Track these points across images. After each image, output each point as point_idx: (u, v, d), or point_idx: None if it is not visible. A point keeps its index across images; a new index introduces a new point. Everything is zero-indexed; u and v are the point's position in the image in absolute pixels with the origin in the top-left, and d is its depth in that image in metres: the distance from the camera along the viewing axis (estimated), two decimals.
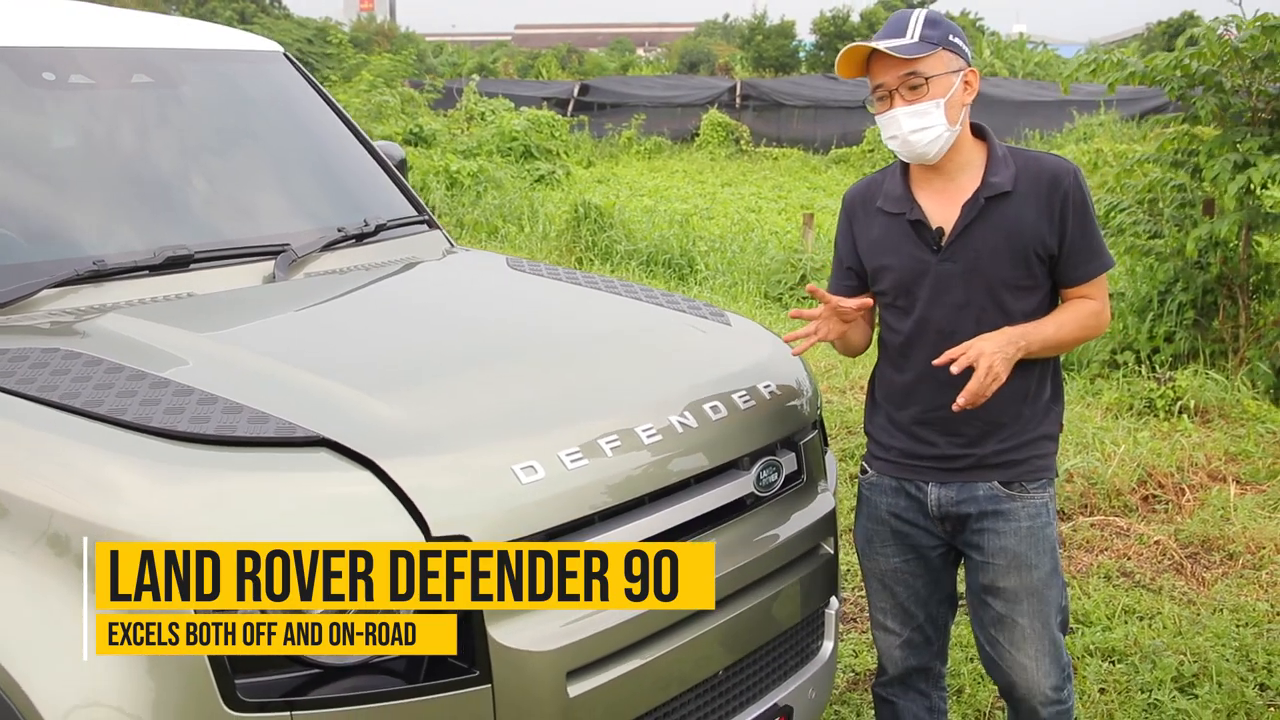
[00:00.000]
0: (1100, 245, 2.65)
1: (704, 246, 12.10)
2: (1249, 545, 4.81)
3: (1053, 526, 2.71)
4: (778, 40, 45.02)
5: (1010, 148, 2.69)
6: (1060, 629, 2.75)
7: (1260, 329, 7.69)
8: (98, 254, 2.89)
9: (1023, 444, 2.66)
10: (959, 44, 2.63)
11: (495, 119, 20.62)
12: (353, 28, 46.34)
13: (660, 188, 18.45)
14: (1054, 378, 2.73)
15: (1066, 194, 2.59)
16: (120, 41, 3.41)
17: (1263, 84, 7.57)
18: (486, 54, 46.23)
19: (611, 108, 26.13)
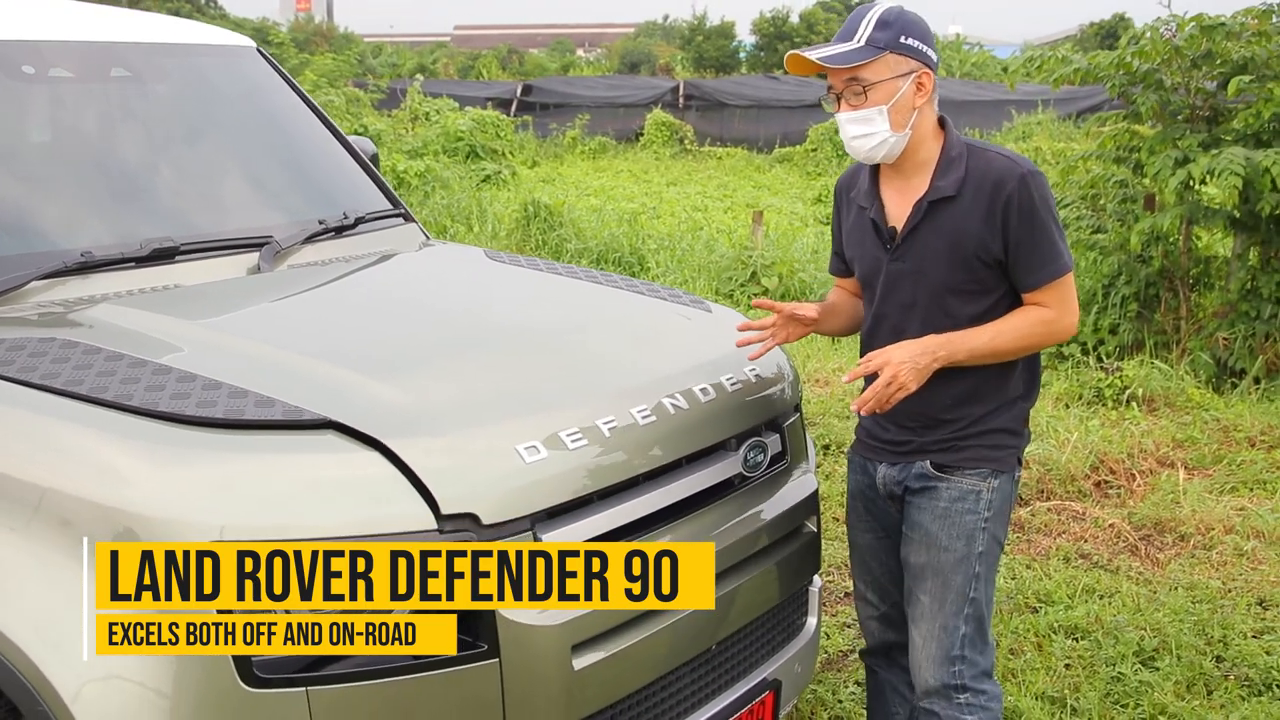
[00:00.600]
0: (1052, 251, 2.57)
1: (653, 245, 12.17)
2: (1199, 527, 4.96)
3: (978, 516, 2.65)
4: (718, 41, 45.21)
5: (972, 145, 2.64)
6: (966, 623, 2.67)
7: (1200, 320, 7.91)
8: (80, 246, 2.89)
9: (968, 435, 2.67)
10: (913, 45, 2.57)
11: (440, 119, 20.57)
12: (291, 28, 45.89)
13: (606, 187, 18.50)
14: (1019, 376, 2.69)
15: (1010, 199, 2.53)
16: (97, 36, 3.41)
17: (1200, 82, 7.79)
18: (426, 55, 45.95)
19: (555, 108, 26.15)
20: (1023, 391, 2.71)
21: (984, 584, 2.69)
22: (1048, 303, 2.60)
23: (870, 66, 2.55)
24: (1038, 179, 2.57)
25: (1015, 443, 2.71)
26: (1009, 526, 2.76)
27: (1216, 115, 7.79)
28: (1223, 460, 5.81)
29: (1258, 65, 7.43)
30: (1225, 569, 4.60)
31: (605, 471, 2.38)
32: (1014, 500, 2.77)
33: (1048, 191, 2.58)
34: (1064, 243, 2.59)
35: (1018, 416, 2.71)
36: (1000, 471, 2.68)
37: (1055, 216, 2.59)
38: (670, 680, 2.49)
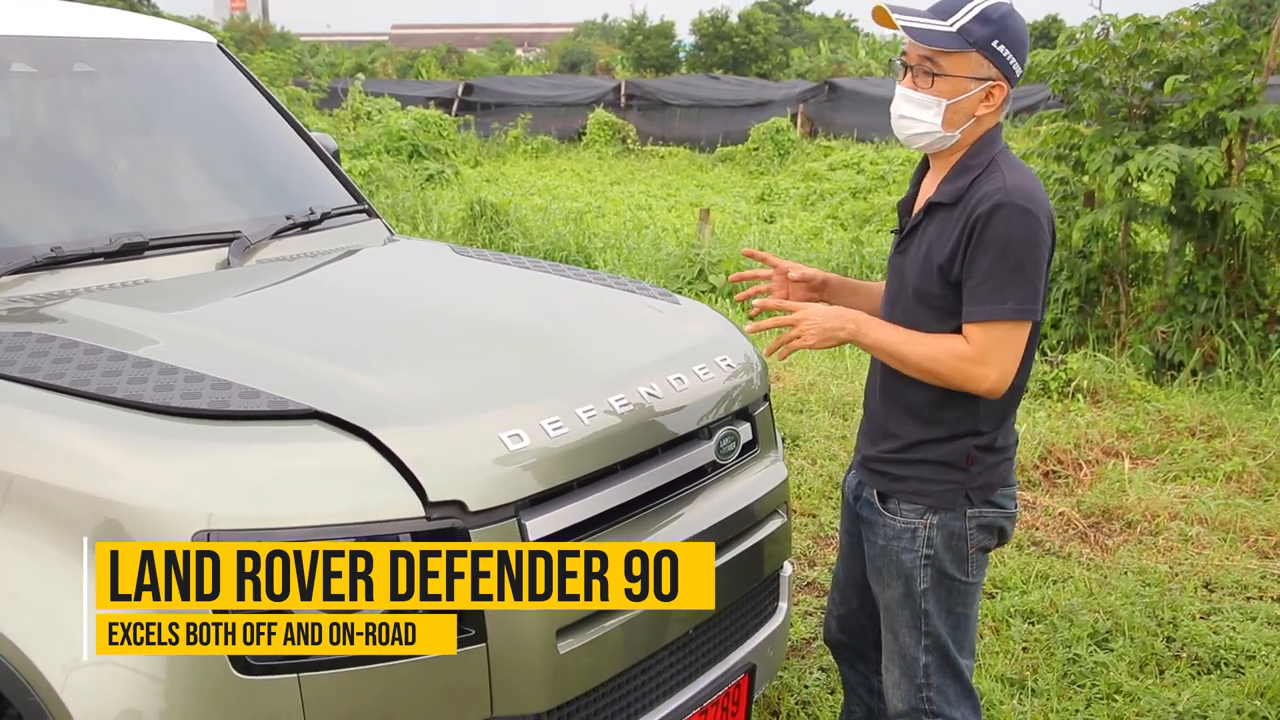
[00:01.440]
0: (993, 292, 2.38)
1: (600, 243, 12.22)
2: (1144, 514, 5.09)
3: (915, 554, 2.56)
4: (658, 40, 45.33)
5: (998, 160, 2.47)
6: (926, 654, 2.61)
7: (1139, 314, 8.10)
8: (48, 242, 2.88)
9: (905, 461, 2.57)
10: (1002, 52, 2.40)
11: (382, 119, 20.47)
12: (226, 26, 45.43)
13: (550, 186, 18.51)
14: (978, 411, 2.51)
15: (975, 222, 2.39)
16: (59, 31, 3.39)
17: (1137, 81, 7.97)
18: (364, 54, 45.64)
19: (496, 107, 26.10)
20: (975, 428, 2.52)
21: (938, 618, 2.59)
22: (971, 340, 2.42)
23: (951, 57, 2.41)
24: (1017, 212, 2.37)
25: (955, 478, 2.53)
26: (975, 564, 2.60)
27: (1153, 114, 7.98)
28: (1165, 450, 5.96)
29: (1192, 65, 7.63)
30: (1171, 554, 4.73)
31: (586, 459, 2.41)
32: (978, 539, 2.58)
33: (1023, 230, 2.37)
34: (1020, 290, 2.38)
35: (958, 452, 2.52)
36: (940, 509, 2.54)
37: (1021, 259, 2.37)
38: (650, 664, 2.53)
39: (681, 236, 12.59)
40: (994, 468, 2.57)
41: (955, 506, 2.55)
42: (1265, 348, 7.51)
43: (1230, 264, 7.73)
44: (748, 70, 39.94)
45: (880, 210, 14.60)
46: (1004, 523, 2.63)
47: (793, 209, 16.27)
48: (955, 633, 2.63)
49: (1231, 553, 4.74)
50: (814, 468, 5.58)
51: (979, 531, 2.58)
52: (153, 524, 2.04)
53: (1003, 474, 2.60)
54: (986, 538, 2.61)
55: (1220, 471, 5.62)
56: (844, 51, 37.27)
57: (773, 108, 23.72)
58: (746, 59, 41.77)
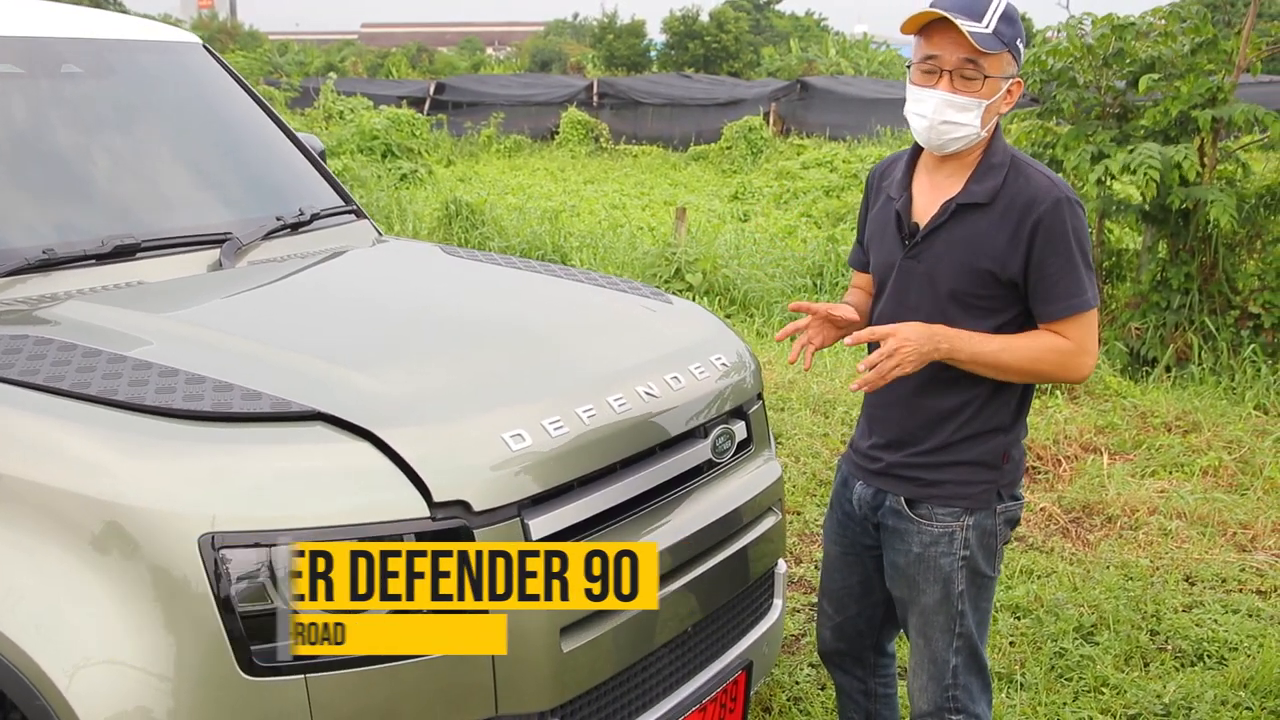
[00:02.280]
0: (1076, 285, 2.43)
1: (575, 242, 12.21)
2: (1124, 509, 5.15)
3: (954, 557, 2.58)
4: (629, 39, 45.36)
5: (1017, 157, 2.52)
6: (956, 655, 2.63)
7: (1114, 311, 8.17)
8: (39, 244, 2.87)
9: (938, 464, 2.57)
10: (1021, 50, 2.47)
11: (355, 118, 20.41)
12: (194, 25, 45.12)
13: (524, 185, 18.49)
14: (1005, 406, 2.55)
15: (1039, 220, 2.42)
16: (45, 31, 3.38)
17: (1111, 80, 8.05)
18: (334, 53, 45.46)
19: (468, 106, 26.05)
20: (1007, 424, 2.57)
21: (971, 618, 2.62)
22: (1068, 335, 2.46)
23: (993, 58, 2.42)
24: (1074, 207, 2.44)
25: (990, 477, 2.57)
26: (999, 557, 2.67)
27: (1126, 112, 8.06)
28: (1142, 445, 6.03)
29: (1165, 64, 7.71)
30: (1152, 548, 4.78)
31: (586, 458, 2.43)
32: (1004, 534, 2.63)
33: (1082, 223, 2.45)
34: (1091, 279, 2.47)
35: (994, 450, 2.56)
36: (975, 509, 2.57)
37: (1085, 251, 2.45)
38: (651, 661, 2.55)
39: (657, 235, 12.61)
40: (1020, 462, 2.64)
41: (989, 505, 2.59)
42: (1237, 344, 7.61)
43: (1202, 261, 7.82)
44: (719, 69, 40.04)
45: (853, 208, 14.66)
46: (1019, 512, 2.70)
47: (766, 207, 16.31)
48: (980, 629, 2.68)
49: (1211, 546, 4.80)
50: (797, 465, 5.61)
51: (1005, 526, 2.64)
52: (158, 526, 2.04)
53: (1023, 467, 2.67)
54: (1009, 531, 2.67)
55: (1197, 466, 5.69)
56: (814, 50, 37.40)
57: (745, 106, 23.78)
58: (718, 57, 41.86)
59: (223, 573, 2.03)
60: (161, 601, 2.03)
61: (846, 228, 13.45)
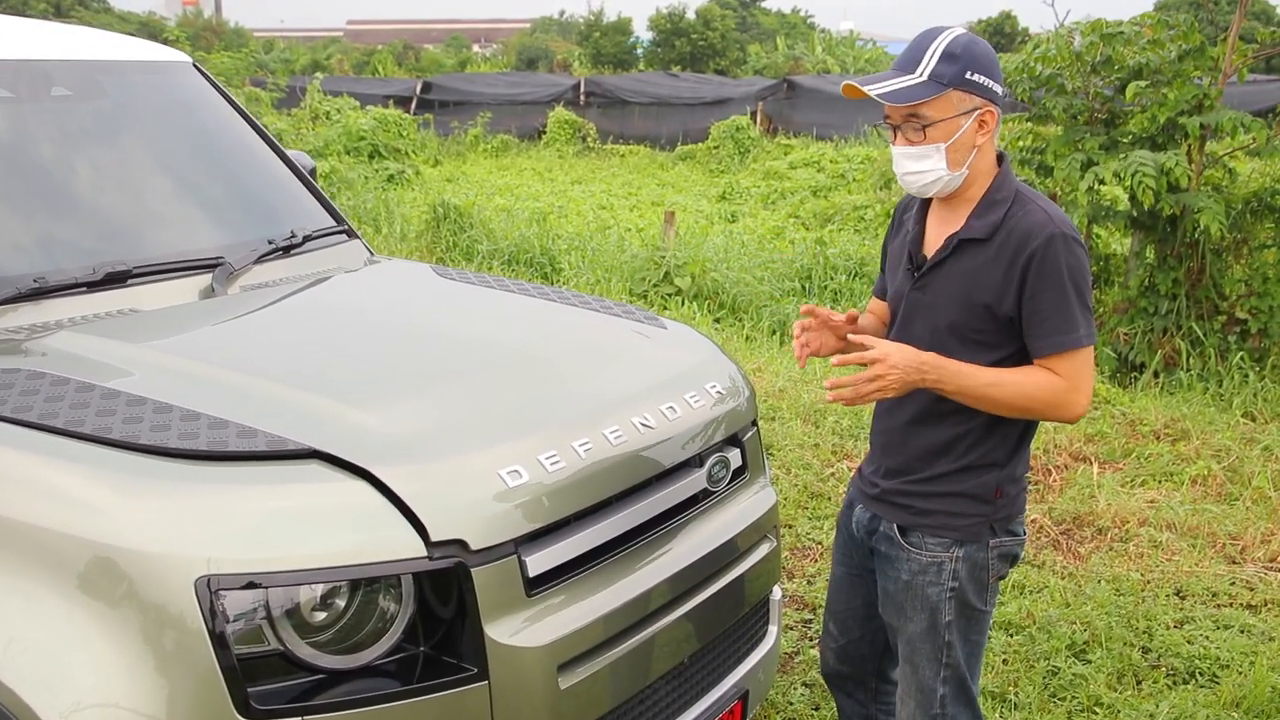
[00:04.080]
0: (1067, 321, 2.42)
1: (564, 245, 12.19)
2: (1115, 520, 5.17)
3: (941, 588, 2.58)
4: (615, 37, 45.25)
5: (1021, 192, 2.52)
6: (944, 684, 2.64)
7: (1102, 316, 8.19)
8: (30, 271, 2.85)
9: (930, 494, 2.59)
10: (978, 81, 2.44)
11: (341, 118, 20.33)
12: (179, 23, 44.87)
13: (511, 186, 18.46)
14: (1002, 443, 2.56)
15: (1032, 256, 2.41)
16: (34, 54, 3.36)
17: (1099, 87, 8.07)
18: (320, 50, 45.26)
19: (455, 105, 25.99)
20: (1002, 460, 2.57)
21: (960, 649, 2.63)
22: (1059, 372, 2.45)
23: (931, 104, 2.43)
24: (1069, 243, 2.42)
25: (981, 511, 2.57)
26: (992, 592, 2.66)
27: (1114, 118, 8.09)
28: (1131, 454, 6.04)
29: (1152, 71, 7.74)
30: (1143, 560, 4.80)
31: (582, 493, 2.42)
32: (998, 569, 2.63)
33: (1079, 259, 2.42)
34: (1086, 317, 2.44)
35: (987, 485, 2.56)
36: (965, 541, 2.58)
37: (1080, 287, 2.43)
38: (647, 694, 2.54)
39: (645, 237, 12.59)
40: (1015, 498, 2.63)
41: (980, 538, 2.59)
42: (1224, 349, 7.64)
43: (1190, 266, 7.85)
44: (705, 66, 39.99)
45: (841, 209, 14.67)
46: (1018, 549, 2.68)
47: (754, 208, 16.32)
48: (971, 661, 2.68)
49: (1201, 559, 4.82)
50: (789, 477, 5.61)
51: (999, 561, 2.64)
52: (153, 569, 2.02)
53: (1021, 503, 2.66)
54: (1004, 566, 2.66)
55: (1186, 475, 5.71)
56: (801, 48, 37.40)
57: (732, 105, 23.76)
58: (704, 55, 41.81)
59: (219, 614, 2.02)
60: (157, 643, 2.02)
61: (834, 229, 13.47)
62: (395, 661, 2.19)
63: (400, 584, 2.17)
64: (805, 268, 11.04)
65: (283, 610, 2.08)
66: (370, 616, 2.17)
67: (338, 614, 2.15)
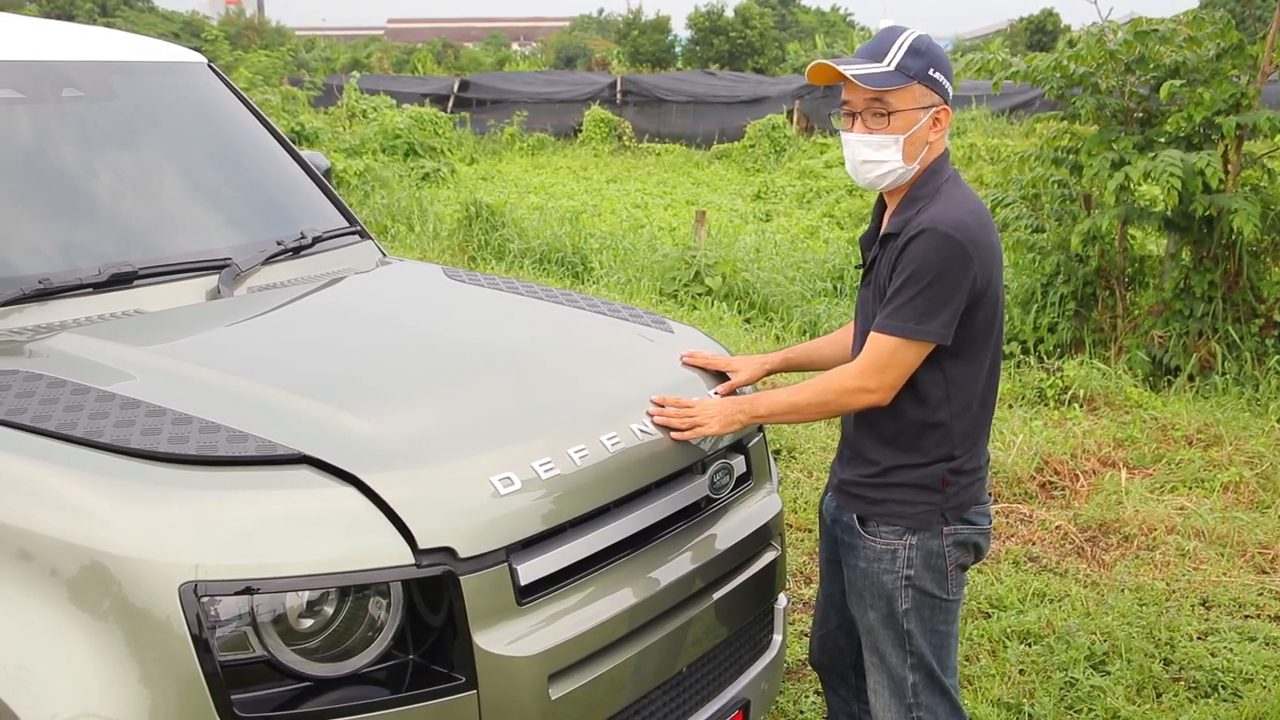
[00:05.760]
0: (889, 306, 2.49)
1: (596, 244, 12.17)
2: (1142, 527, 5.08)
3: (895, 575, 2.62)
4: (654, 35, 45.28)
5: (945, 191, 2.55)
6: (912, 672, 2.67)
7: (1136, 319, 8.08)
8: (36, 272, 2.86)
9: (881, 484, 2.64)
10: (939, 79, 2.53)
11: (377, 116, 20.41)
12: (221, 22, 45.27)
13: (546, 184, 18.47)
14: (946, 436, 2.59)
15: (903, 245, 2.50)
16: (47, 55, 3.36)
17: (1135, 85, 7.95)
18: (360, 49, 45.56)
19: (492, 104, 26.07)
20: (948, 453, 2.60)
21: (921, 638, 2.65)
22: (861, 353, 2.55)
23: (897, 93, 2.51)
24: (937, 238, 2.45)
25: (930, 500, 2.61)
26: (954, 581, 2.67)
27: (1149, 118, 7.96)
28: (1162, 459, 5.94)
29: (1188, 70, 7.60)
30: (1169, 569, 4.71)
31: (577, 500, 2.39)
32: (955, 557, 2.65)
33: (941, 254, 2.45)
34: (918, 311, 2.46)
35: (933, 475, 2.60)
36: (917, 529, 2.62)
37: (927, 280, 2.45)
38: (643, 704, 2.51)
39: (678, 237, 12.55)
40: (967, 488, 2.66)
41: (931, 526, 2.63)
42: (1261, 353, 7.50)
43: (1226, 268, 7.71)
44: (744, 65, 39.91)
45: None
46: (979, 539, 2.71)
47: (789, 207, 16.24)
48: (939, 652, 2.70)
49: (1229, 568, 4.73)
50: (810, 480, 5.56)
51: (956, 549, 2.66)
52: (140, 574, 2.01)
53: (975, 493, 2.68)
54: (964, 554, 2.69)
55: (1217, 482, 5.61)
56: (840, 46, 37.19)
57: (769, 104, 23.67)
58: (742, 53, 41.73)
59: (204, 620, 2.00)
60: (142, 650, 2.01)
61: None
62: (384, 670, 2.17)
63: (389, 591, 2.14)
64: (838, 268, 10.97)
65: (268, 617, 2.06)
66: (358, 624, 2.15)
67: (325, 621, 2.13)
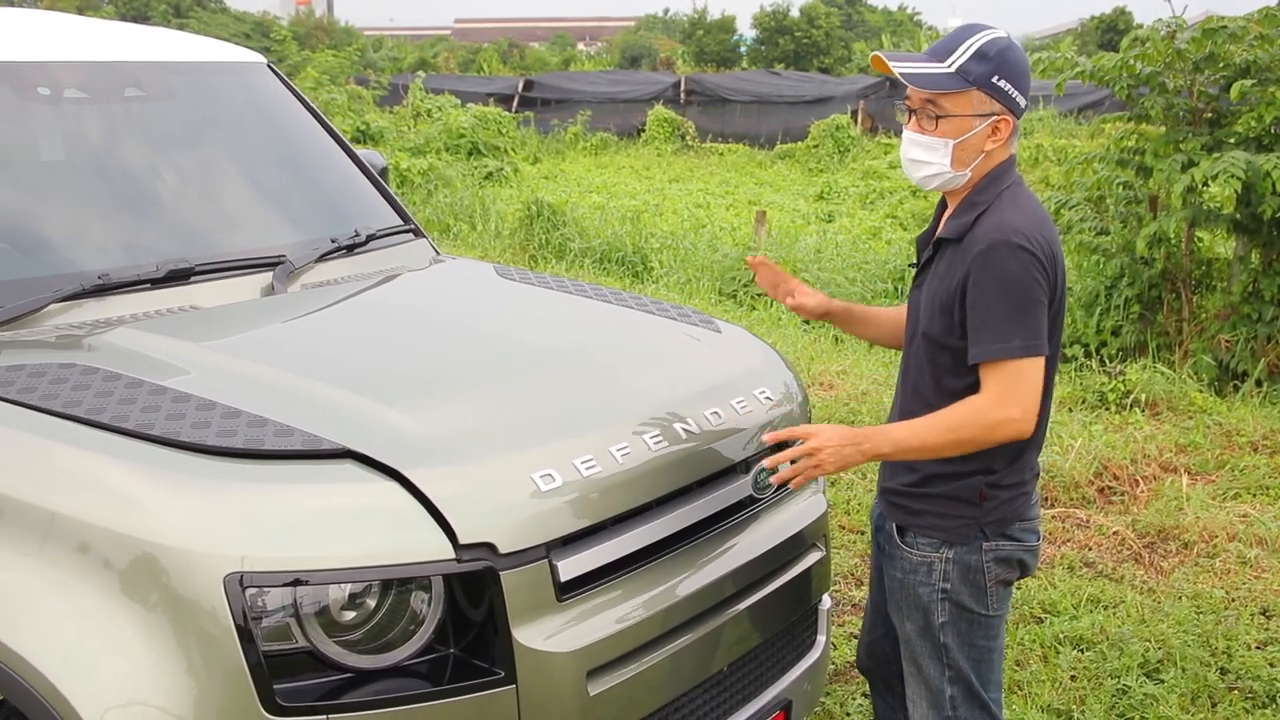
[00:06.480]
0: (998, 330, 2.37)
1: (656, 244, 12.18)
2: (1202, 534, 4.99)
3: (932, 588, 2.57)
4: (719, 35, 45.23)
5: (1006, 197, 2.47)
6: (950, 684, 2.60)
7: (1202, 322, 7.94)
8: (95, 267, 2.92)
9: (919, 495, 2.57)
10: (1003, 87, 2.41)
11: (442, 116, 20.59)
12: (291, 22, 45.90)
13: (608, 184, 18.52)
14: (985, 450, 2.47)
15: (973, 260, 2.40)
16: (111, 55, 3.44)
17: (1203, 85, 7.81)
18: (427, 49, 46.02)
19: (556, 103, 26.19)
20: (988, 467, 2.51)
21: (958, 651, 2.59)
22: (985, 387, 2.41)
23: (952, 98, 2.42)
24: (1012, 250, 2.37)
25: (968, 513, 2.53)
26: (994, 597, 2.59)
27: (1219, 118, 7.82)
28: (1225, 465, 5.83)
29: (1260, 69, 7.45)
30: (1228, 578, 4.63)
31: (618, 498, 2.41)
32: (995, 573, 2.57)
33: (1018, 267, 2.37)
34: (1022, 329, 2.37)
35: (971, 488, 2.52)
36: (954, 543, 2.55)
37: (1018, 296, 2.37)
38: (683, 702, 2.52)
39: (738, 237, 12.53)
40: (1008, 503, 2.57)
41: (969, 541, 2.56)
42: None
43: None
44: (809, 65, 39.74)
45: None
46: (1023, 555, 2.63)
47: (852, 208, 16.15)
48: (978, 666, 2.63)
49: None
50: (864, 482, 5.53)
51: (996, 565, 2.59)
52: (187, 564, 2.06)
53: (1019, 508, 2.60)
54: (1006, 571, 2.61)
55: None
56: (906, 45, 36.91)
57: (833, 104, 23.55)
58: (808, 53, 41.55)
59: (249, 611, 2.04)
60: (189, 640, 2.06)
61: None
62: (425, 663, 2.20)
63: (430, 585, 2.17)
64: (898, 269, 10.89)
65: (312, 609, 2.10)
66: (400, 617, 2.17)
67: (367, 613, 2.16)
